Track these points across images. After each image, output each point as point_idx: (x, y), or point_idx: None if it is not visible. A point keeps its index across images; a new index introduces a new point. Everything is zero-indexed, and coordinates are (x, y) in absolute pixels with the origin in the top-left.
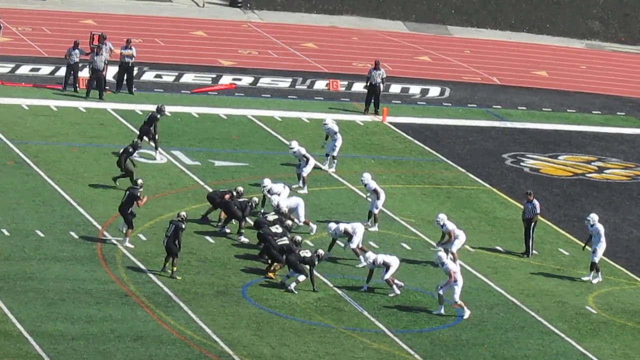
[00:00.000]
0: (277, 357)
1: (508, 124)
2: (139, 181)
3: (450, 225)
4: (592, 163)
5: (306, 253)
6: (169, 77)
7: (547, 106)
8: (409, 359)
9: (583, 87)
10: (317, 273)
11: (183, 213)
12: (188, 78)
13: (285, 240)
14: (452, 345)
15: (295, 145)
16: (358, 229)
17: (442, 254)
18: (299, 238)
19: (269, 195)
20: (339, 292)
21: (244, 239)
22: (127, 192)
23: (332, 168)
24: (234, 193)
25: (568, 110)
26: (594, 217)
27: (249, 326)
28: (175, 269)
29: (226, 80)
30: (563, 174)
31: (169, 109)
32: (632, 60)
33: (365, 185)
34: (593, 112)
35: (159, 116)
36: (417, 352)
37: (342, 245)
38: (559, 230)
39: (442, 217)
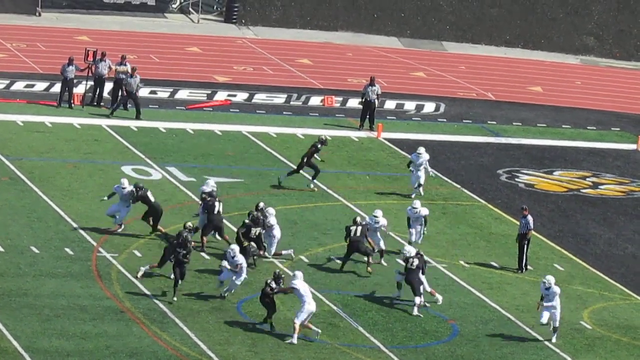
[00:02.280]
0: None
1: (503, 140)
2: (189, 224)
3: (424, 211)
4: (587, 179)
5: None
6: (163, 93)
7: (542, 122)
8: None
9: (578, 103)
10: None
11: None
12: (183, 94)
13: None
14: None
15: (422, 150)
16: None
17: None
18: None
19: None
20: (335, 308)
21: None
22: (177, 241)
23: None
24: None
25: (563, 126)
26: (550, 279)
27: (244, 342)
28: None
29: (221, 96)
30: (558, 190)
31: (163, 125)
32: (627, 76)
33: (378, 223)
34: (588, 127)
35: (319, 146)
36: None
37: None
38: (554, 246)
39: (417, 204)
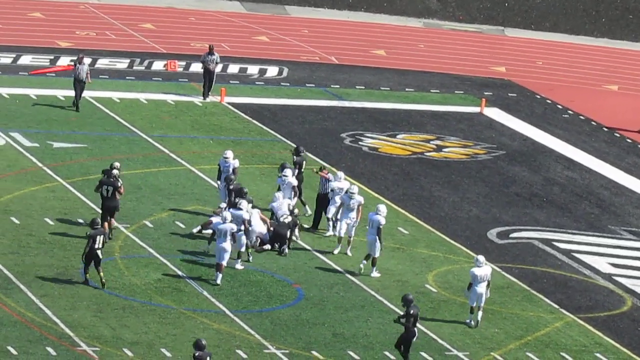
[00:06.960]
0: (118, 339)
1: (346, 104)
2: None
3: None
4: (431, 142)
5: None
6: (6, 59)
7: (386, 85)
8: (250, 339)
9: (421, 66)
10: (157, 254)
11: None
12: (26, 60)
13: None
14: (293, 324)
15: (289, 173)
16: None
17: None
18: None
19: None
20: (179, 272)
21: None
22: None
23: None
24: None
25: (406, 89)
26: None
27: (89, 308)
28: (102, 274)
29: (64, 61)
30: (402, 153)
31: (6, 91)
32: (470, 39)
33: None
34: (431, 90)
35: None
36: (257, 332)
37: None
38: (398, 209)
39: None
